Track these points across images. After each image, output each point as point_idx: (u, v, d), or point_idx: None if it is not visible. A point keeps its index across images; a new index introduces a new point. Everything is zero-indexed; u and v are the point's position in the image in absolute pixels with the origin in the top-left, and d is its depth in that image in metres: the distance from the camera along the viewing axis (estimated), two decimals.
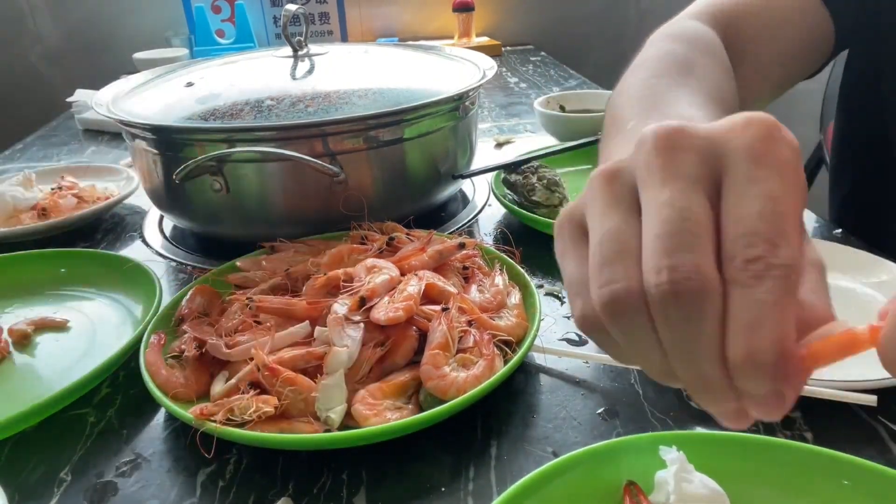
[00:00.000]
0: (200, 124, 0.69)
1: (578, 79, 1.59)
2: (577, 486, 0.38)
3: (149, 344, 0.53)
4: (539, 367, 0.54)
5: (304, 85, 0.78)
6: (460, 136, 0.79)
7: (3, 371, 0.57)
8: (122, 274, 0.67)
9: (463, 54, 0.90)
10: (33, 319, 0.63)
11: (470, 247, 0.61)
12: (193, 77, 0.83)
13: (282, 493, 0.43)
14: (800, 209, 0.24)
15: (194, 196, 0.72)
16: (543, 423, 0.48)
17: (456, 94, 0.73)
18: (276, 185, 0.70)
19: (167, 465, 0.46)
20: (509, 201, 0.79)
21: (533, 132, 1.17)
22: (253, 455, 0.47)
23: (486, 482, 0.43)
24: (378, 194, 0.72)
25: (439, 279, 0.57)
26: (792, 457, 0.39)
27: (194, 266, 0.73)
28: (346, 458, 0.46)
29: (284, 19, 0.79)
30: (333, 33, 1.87)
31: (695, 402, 0.24)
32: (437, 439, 0.47)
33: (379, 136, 0.70)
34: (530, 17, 2.11)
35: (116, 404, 0.53)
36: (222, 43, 1.80)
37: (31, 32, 1.93)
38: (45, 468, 0.46)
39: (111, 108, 0.74)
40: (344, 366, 0.47)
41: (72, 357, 0.58)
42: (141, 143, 0.73)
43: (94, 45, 1.96)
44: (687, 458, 0.38)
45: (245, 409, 0.45)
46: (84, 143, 1.25)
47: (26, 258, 0.72)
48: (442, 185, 0.80)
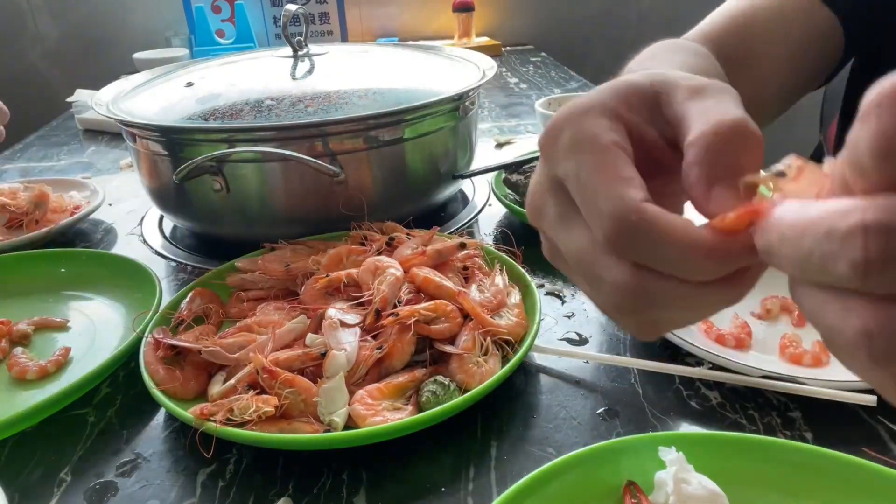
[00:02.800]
0: (200, 124, 0.69)
1: (580, 81, 1.59)
2: (577, 486, 0.38)
3: (148, 344, 0.53)
4: (539, 367, 0.54)
5: (304, 85, 0.78)
6: (460, 136, 0.79)
7: (3, 371, 0.57)
8: (122, 274, 0.67)
9: (463, 54, 0.90)
10: (33, 319, 0.63)
11: (471, 247, 0.61)
12: (193, 77, 0.83)
13: (282, 493, 0.43)
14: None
15: (194, 196, 0.72)
16: (543, 423, 0.48)
17: (456, 95, 0.73)
18: (276, 185, 0.70)
19: (167, 465, 0.46)
20: (510, 201, 0.79)
21: (533, 133, 1.17)
22: (253, 455, 0.47)
23: (486, 482, 0.43)
24: (378, 194, 0.72)
25: (436, 275, 0.57)
26: (792, 457, 0.39)
27: (195, 266, 0.73)
28: (346, 458, 0.46)
29: (284, 19, 0.79)
30: (333, 33, 1.87)
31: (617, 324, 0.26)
32: (437, 439, 0.47)
33: (379, 136, 0.70)
34: (530, 18, 2.11)
35: (116, 404, 0.53)
36: (222, 43, 1.80)
37: (31, 32, 1.93)
38: (45, 468, 0.46)
39: (111, 108, 0.74)
40: (343, 369, 0.48)
41: (72, 357, 0.58)
42: (141, 144, 0.73)
43: (94, 45, 1.96)
44: (686, 459, 0.38)
45: (245, 410, 0.45)
46: (84, 143, 1.25)
47: (26, 258, 0.72)
48: (442, 185, 0.80)
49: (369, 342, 0.51)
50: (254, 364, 0.47)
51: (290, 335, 0.52)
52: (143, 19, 1.95)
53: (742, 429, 0.46)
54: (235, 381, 0.48)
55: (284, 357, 0.49)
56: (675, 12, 2.07)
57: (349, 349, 0.49)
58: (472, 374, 0.48)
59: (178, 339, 0.53)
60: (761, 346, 0.53)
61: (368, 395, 0.47)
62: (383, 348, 0.50)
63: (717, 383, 0.50)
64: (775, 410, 0.48)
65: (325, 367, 0.48)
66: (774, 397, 0.49)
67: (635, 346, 0.56)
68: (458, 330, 0.52)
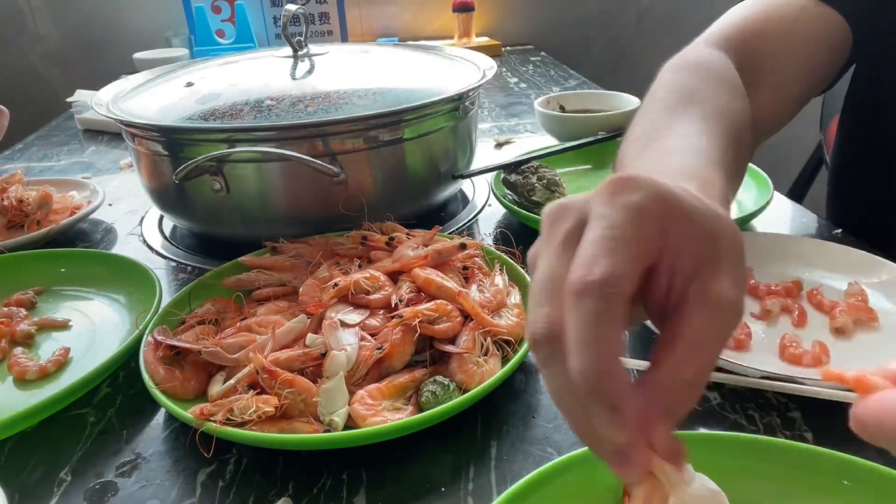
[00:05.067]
0: (200, 124, 0.69)
1: (578, 79, 1.59)
2: (577, 486, 0.38)
3: (148, 344, 0.53)
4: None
5: (304, 85, 0.78)
6: (460, 136, 0.79)
7: (3, 371, 0.57)
8: (122, 274, 0.67)
9: (463, 54, 0.90)
10: (34, 320, 0.63)
11: (471, 247, 0.61)
12: (193, 77, 0.83)
13: (282, 493, 0.43)
14: (628, 237, 0.27)
15: (194, 196, 0.72)
16: (543, 423, 0.48)
17: (456, 95, 0.74)
18: (276, 185, 0.70)
19: (167, 465, 0.46)
20: (509, 201, 0.79)
21: (533, 132, 1.17)
22: (253, 455, 0.47)
23: (486, 482, 0.43)
24: (378, 194, 0.72)
25: (437, 275, 0.57)
26: (792, 457, 0.39)
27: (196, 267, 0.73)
28: (346, 458, 0.46)
29: (284, 19, 0.79)
30: (333, 33, 1.87)
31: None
32: (437, 439, 0.47)
33: (379, 136, 0.70)
34: (530, 17, 2.11)
35: (116, 404, 0.53)
36: (222, 43, 1.80)
37: (31, 32, 1.93)
38: (45, 468, 0.46)
39: (111, 108, 0.74)
40: (343, 369, 0.48)
41: (72, 357, 0.58)
42: (141, 144, 0.73)
43: (94, 45, 1.96)
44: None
45: (245, 410, 0.45)
46: (84, 144, 1.25)
47: (26, 258, 0.72)
48: (442, 185, 0.80)
49: (369, 342, 0.51)
50: (254, 364, 0.47)
51: (290, 335, 0.52)
52: (143, 19, 1.95)
53: (742, 429, 0.46)
54: (235, 381, 0.48)
55: (284, 357, 0.49)
56: (674, 12, 2.07)
57: (349, 349, 0.49)
58: (472, 374, 0.48)
59: (178, 339, 0.53)
60: (761, 346, 0.53)
61: (368, 395, 0.47)
62: (383, 348, 0.50)
63: (717, 384, 0.50)
64: (775, 410, 0.48)
65: (325, 367, 0.48)
66: (774, 397, 0.49)
67: (635, 347, 0.56)
68: (459, 330, 0.52)
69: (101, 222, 0.87)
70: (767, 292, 0.59)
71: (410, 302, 0.54)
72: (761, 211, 0.73)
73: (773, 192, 0.77)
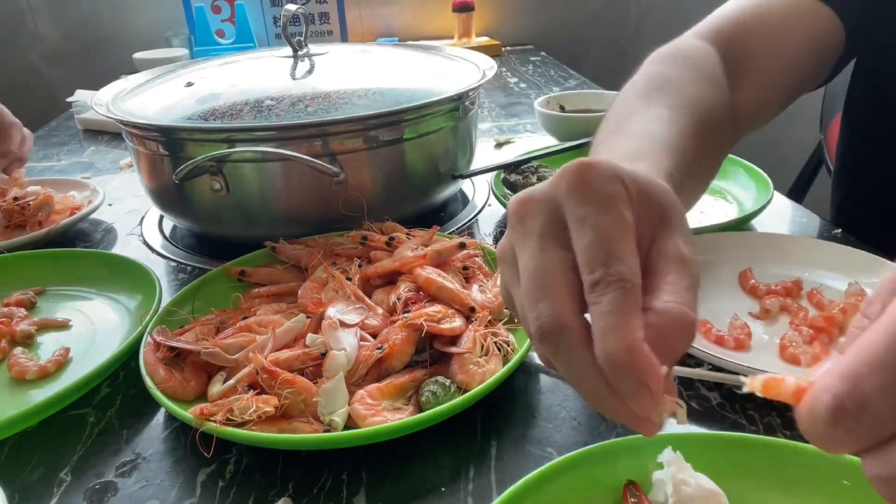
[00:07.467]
0: (200, 124, 0.69)
1: (578, 79, 1.59)
2: (577, 486, 0.38)
3: (148, 344, 0.53)
4: (539, 367, 0.54)
5: (304, 85, 0.78)
6: (460, 136, 0.79)
7: (3, 371, 0.57)
8: (122, 274, 0.67)
9: (463, 54, 0.90)
10: (34, 320, 0.63)
11: (471, 247, 0.61)
12: (193, 77, 0.83)
13: (282, 493, 0.43)
14: (622, 230, 0.29)
15: (194, 196, 0.72)
16: (543, 423, 0.48)
17: (456, 94, 0.73)
18: (276, 185, 0.70)
19: (167, 465, 0.46)
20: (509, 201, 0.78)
21: (533, 132, 1.17)
22: (253, 455, 0.47)
23: (486, 482, 0.43)
24: (378, 194, 0.72)
25: (438, 275, 0.57)
26: (792, 457, 0.39)
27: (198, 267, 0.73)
28: (346, 458, 0.46)
29: (284, 19, 0.79)
30: (333, 33, 1.87)
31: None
32: (437, 439, 0.47)
33: (379, 136, 0.70)
34: (530, 17, 2.11)
35: (116, 404, 0.53)
36: (222, 43, 1.80)
37: (31, 32, 1.93)
38: (45, 468, 0.46)
39: (111, 108, 0.74)
40: (343, 369, 0.48)
41: (72, 357, 0.58)
42: (141, 144, 0.73)
43: (94, 45, 1.96)
44: (686, 459, 0.38)
45: (245, 409, 0.45)
46: (84, 143, 1.25)
47: (26, 258, 0.72)
48: (442, 185, 0.80)
49: (369, 342, 0.51)
50: (253, 364, 0.47)
51: (290, 335, 0.52)
52: (143, 19, 1.95)
53: (742, 429, 0.46)
54: (235, 381, 0.48)
55: (284, 357, 0.49)
56: (673, 11, 2.06)
57: (349, 349, 0.49)
58: (472, 374, 0.48)
59: (178, 340, 0.53)
60: (761, 346, 0.53)
61: (368, 395, 0.47)
62: (383, 348, 0.50)
63: (717, 384, 0.50)
64: (775, 410, 0.48)
65: (325, 367, 0.48)
66: None
67: None
68: (464, 330, 0.52)
69: (101, 222, 0.87)
70: (767, 292, 0.59)
71: (409, 301, 0.54)
72: (761, 211, 0.73)
73: (773, 192, 0.77)
